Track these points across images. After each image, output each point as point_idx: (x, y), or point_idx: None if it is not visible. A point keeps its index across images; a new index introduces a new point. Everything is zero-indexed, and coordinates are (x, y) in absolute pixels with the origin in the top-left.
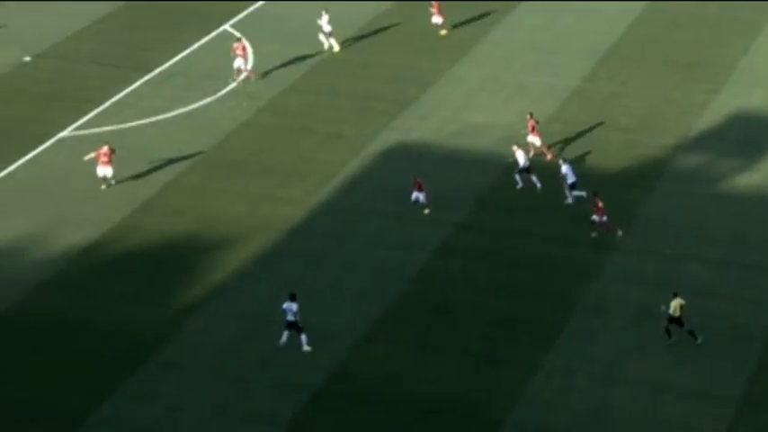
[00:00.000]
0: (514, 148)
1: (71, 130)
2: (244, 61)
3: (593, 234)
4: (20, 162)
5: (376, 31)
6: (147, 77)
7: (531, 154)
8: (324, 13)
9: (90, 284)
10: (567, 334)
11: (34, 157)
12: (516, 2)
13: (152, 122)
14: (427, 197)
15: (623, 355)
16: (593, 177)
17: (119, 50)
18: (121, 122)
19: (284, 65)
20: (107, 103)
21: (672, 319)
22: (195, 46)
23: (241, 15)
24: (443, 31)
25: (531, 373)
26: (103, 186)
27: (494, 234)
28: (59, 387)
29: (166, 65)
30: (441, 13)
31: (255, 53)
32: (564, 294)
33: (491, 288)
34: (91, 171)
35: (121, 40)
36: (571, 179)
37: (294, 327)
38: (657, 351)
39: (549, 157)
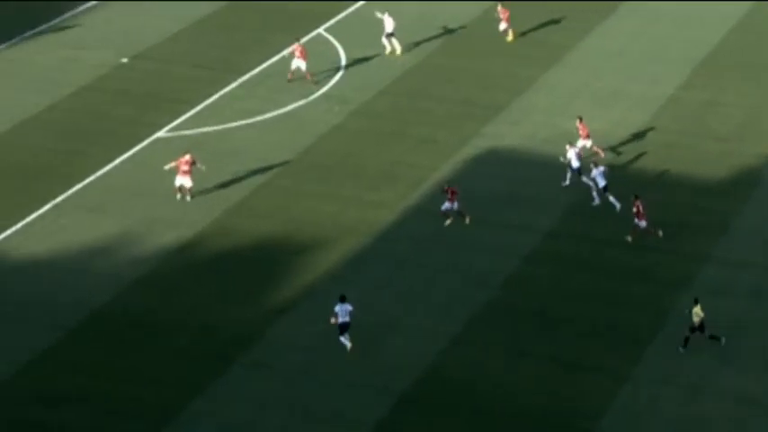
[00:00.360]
0: (567, 147)
1: (167, 131)
2: (303, 63)
3: (628, 238)
4: (116, 161)
5: (471, 36)
6: (241, 79)
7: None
8: (386, 15)
9: (182, 284)
10: (659, 344)
11: (130, 156)
12: (614, 5)
13: (245, 124)
14: (460, 206)
15: (714, 367)
16: (687, 186)
17: (214, 52)
18: (216, 124)
19: (377, 68)
20: (202, 105)
21: (694, 328)
22: (290, 49)
23: (335, 19)
24: (509, 38)
25: (620, 383)
26: (179, 196)
27: (584, 241)
28: (150, 384)
29: (261, 67)
30: (507, 19)
31: (348, 56)
32: (656, 304)
33: (581, 295)
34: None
35: (217, 42)
36: (602, 183)
37: (344, 327)
38: (750, 364)
39: (602, 155)
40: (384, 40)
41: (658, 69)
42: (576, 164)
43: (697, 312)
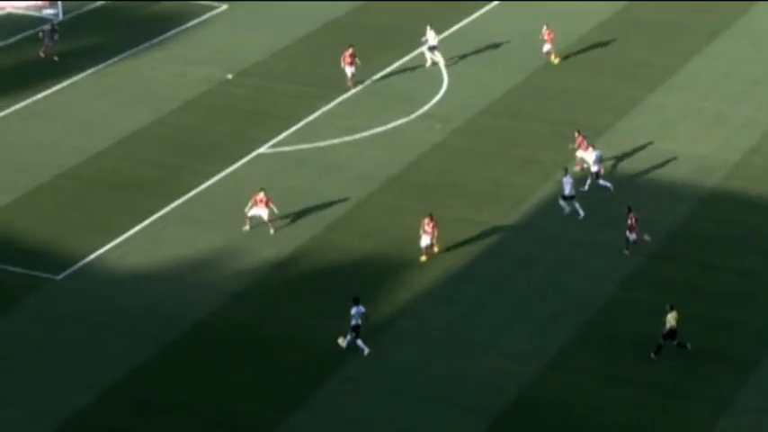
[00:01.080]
0: (591, 149)
1: (268, 147)
2: (351, 68)
3: (626, 252)
4: (219, 176)
5: (574, 56)
6: (343, 96)
7: (578, 168)
8: (429, 29)
9: (281, 299)
10: (762, 371)
11: (233, 171)
12: (721, 27)
13: (346, 141)
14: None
15: None
16: None
17: (318, 69)
18: (317, 140)
19: (479, 87)
20: (304, 121)
21: (668, 333)
22: (392, 66)
23: (439, 37)
24: (555, 59)
25: (721, 410)
26: (247, 227)
27: (687, 265)
28: (247, 397)
29: (363, 85)
30: (551, 41)
31: (451, 75)
32: (758, 330)
33: (682, 321)
34: (286, 186)
35: (321, 59)
36: (567, 191)
37: (357, 329)
38: None
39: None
40: (426, 53)
41: (766, 93)
42: (594, 168)
43: (670, 320)
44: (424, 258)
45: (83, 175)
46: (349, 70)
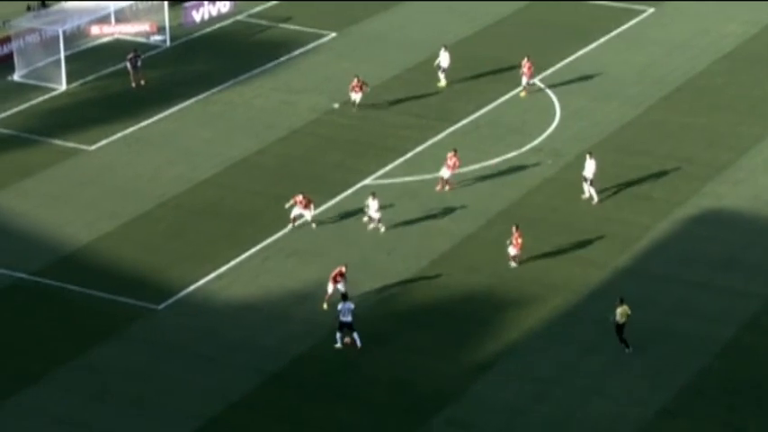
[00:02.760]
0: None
1: (374, 179)
2: (356, 96)
3: (513, 264)
4: (323, 207)
5: (693, 91)
6: (452, 128)
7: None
8: (443, 50)
9: (383, 335)
10: None
11: (337, 203)
12: None
13: (454, 174)
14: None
15: None
16: None
17: (425, 100)
18: (424, 173)
19: (592, 121)
20: (411, 153)
21: (618, 327)
22: (502, 98)
23: (552, 69)
24: (522, 94)
25: None
26: (290, 225)
27: None
28: None
29: (472, 116)
30: (530, 74)
31: (564, 108)
32: None
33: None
34: (391, 219)
35: (429, 89)
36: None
37: (349, 327)
38: None
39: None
40: (440, 74)
41: None
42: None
43: (623, 313)
44: (513, 264)
45: (185, 205)
46: (355, 96)
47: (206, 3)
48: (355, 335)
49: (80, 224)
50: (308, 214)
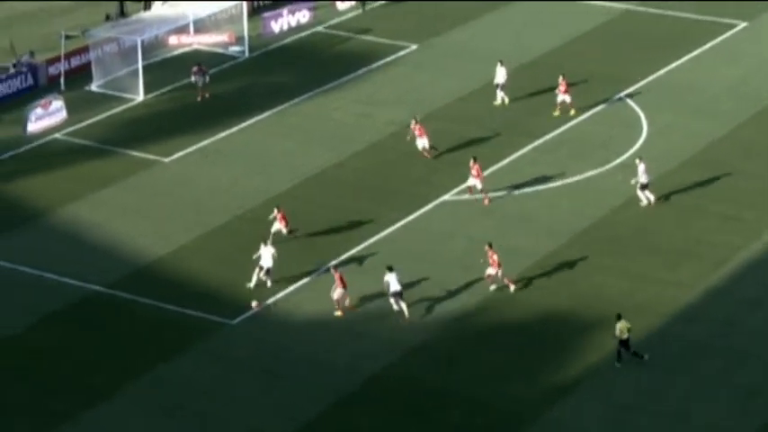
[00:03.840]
0: (637, 161)
1: (453, 194)
2: (422, 140)
3: (492, 287)
4: (400, 223)
5: None
6: (535, 143)
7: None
8: (499, 65)
9: (459, 354)
10: None
11: (415, 218)
12: None
13: (536, 191)
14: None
15: None
16: None
17: (508, 114)
18: (506, 188)
19: (679, 138)
20: (492, 168)
21: (621, 342)
22: (587, 114)
23: (637, 85)
24: (556, 113)
25: None
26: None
27: None
28: None
29: (557, 132)
30: (565, 91)
31: (652, 124)
32: None
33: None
34: (470, 235)
35: (512, 104)
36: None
37: (400, 295)
38: None
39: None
40: (498, 92)
41: None
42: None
43: (623, 329)
44: (492, 287)
45: (261, 218)
46: (421, 143)
47: (285, 13)
48: (403, 305)
49: (155, 236)
50: (283, 228)
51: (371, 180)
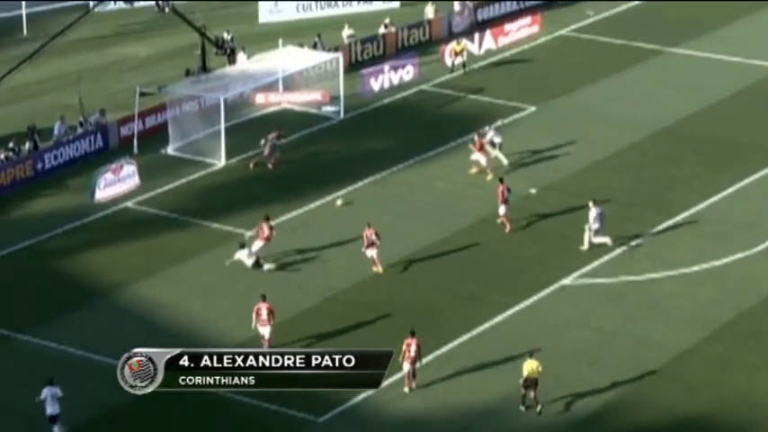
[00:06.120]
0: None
1: (575, 278)
2: (481, 156)
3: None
4: (513, 309)
5: None
6: (669, 222)
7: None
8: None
9: None
10: None
11: (530, 304)
12: None
13: (671, 276)
14: None
15: None
16: None
17: (639, 187)
18: (634, 273)
19: None
20: (619, 249)
21: (528, 383)
22: (730, 190)
23: None
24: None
25: None
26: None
27: None
28: None
29: (695, 209)
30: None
31: None
32: None
33: None
34: (595, 326)
35: (642, 176)
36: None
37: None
38: None
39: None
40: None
41: None
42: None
43: (533, 369)
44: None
45: (355, 299)
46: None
47: (387, 69)
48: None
49: (235, 319)
50: (256, 247)
51: (482, 260)
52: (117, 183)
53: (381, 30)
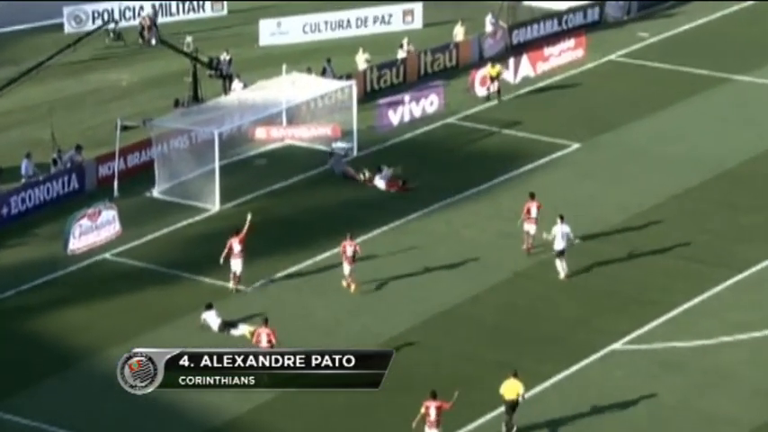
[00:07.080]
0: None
1: (626, 342)
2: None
3: None
4: (556, 378)
5: None
6: (737, 278)
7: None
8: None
9: None
10: None
11: (575, 372)
12: None
13: (739, 341)
14: None
15: None
16: None
17: (700, 239)
18: (694, 337)
19: None
20: (677, 310)
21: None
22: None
23: None
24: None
25: None
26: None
27: None
28: None
29: (762, 264)
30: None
31: None
32: None
33: None
34: (650, 397)
35: (703, 225)
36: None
37: None
38: None
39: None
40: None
41: None
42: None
43: (516, 391)
44: None
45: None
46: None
47: (407, 99)
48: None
49: (233, 389)
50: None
51: (519, 322)
52: (94, 230)
53: (400, 53)
